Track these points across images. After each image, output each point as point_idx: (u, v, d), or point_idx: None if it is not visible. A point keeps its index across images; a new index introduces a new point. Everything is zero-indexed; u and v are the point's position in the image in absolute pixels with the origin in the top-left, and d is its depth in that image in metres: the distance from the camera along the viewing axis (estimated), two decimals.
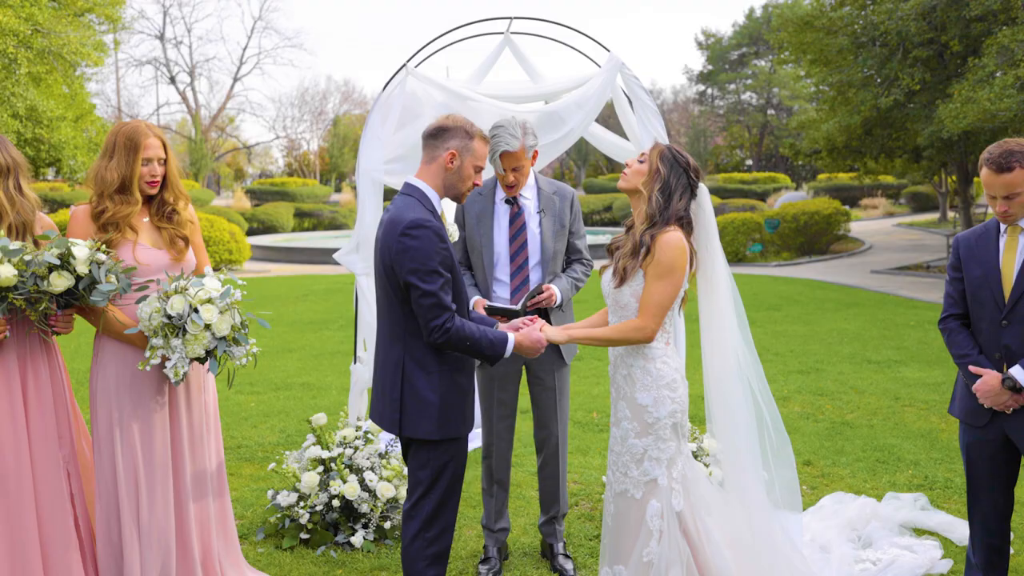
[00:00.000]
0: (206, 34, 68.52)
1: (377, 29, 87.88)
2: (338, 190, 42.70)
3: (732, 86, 46.38)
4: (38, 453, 3.22)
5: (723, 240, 18.69)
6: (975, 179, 19.45)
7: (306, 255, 21.40)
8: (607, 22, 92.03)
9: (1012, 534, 4.06)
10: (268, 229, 27.23)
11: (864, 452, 5.56)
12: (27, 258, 3.01)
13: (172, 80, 46.91)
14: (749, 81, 45.12)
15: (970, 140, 16.01)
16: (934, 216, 27.59)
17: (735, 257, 18.53)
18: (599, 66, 4.53)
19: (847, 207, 24.32)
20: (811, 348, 9.08)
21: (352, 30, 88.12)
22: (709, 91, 47.88)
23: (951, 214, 24.91)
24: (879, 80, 16.40)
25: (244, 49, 57.51)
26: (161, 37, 45.96)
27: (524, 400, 4.55)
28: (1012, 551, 3.94)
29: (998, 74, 13.69)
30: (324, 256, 20.57)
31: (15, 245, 3.03)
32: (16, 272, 2.97)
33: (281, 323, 11.17)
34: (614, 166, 42.29)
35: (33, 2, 16.53)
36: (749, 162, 47.67)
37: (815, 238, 19.24)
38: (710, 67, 46.26)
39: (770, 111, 45.28)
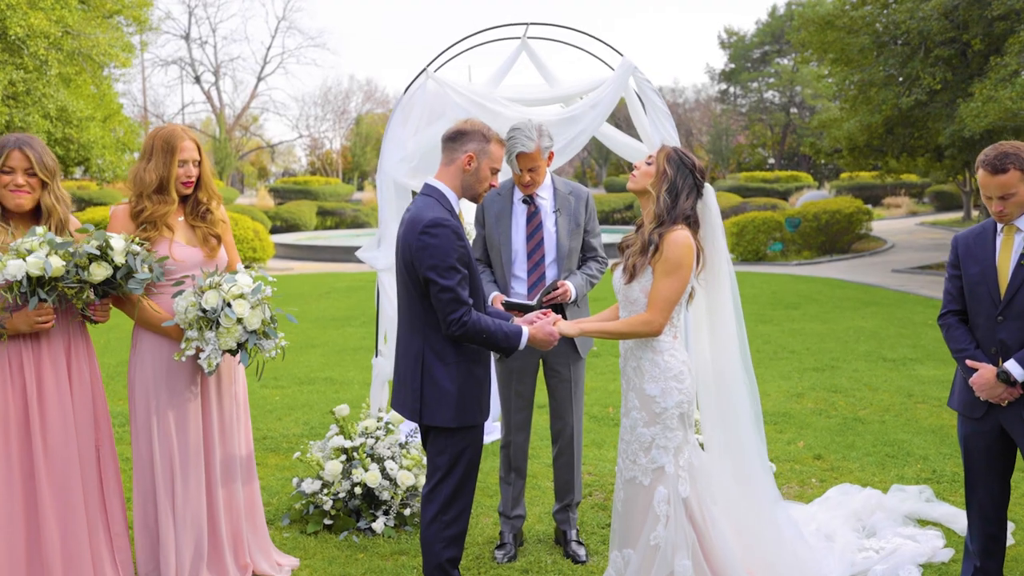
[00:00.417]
0: (230, 34, 69.17)
1: (399, 29, 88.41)
2: (360, 188, 43.09)
3: (754, 84, 46.20)
4: (79, 434, 3.43)
5: (744, 239, 18.75)
6: None
7: (329, 253, 21.66)
8: (630, 21, 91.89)
9: (1013, 525, 4.17)
10: (291, 227, 27.55)
11: (874, 447, 5.66)
12: (71, 250, 3.22)
13: (197, 80, 47.46)
14: (772, 80, 44.93)
15: (992, 139, 15.91)
16: (958, 215, 27.38)
17: (755, 256, 18.54)
18: (613, 69, 4.68)
19: (870, 206, 24.20)
20: (827, 346, 9.16)
21: (375, 30, 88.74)
22: (731, 90, 47.71)
23: (975, 213, 24.75)
24: (901, 79, 16.36)
25: (268, 49, 58.26)
26: (186, 37, 46.53)
27: (541, 395, 4.70)
28: (1013, 541, 4.05)
29: (1022, 73, 13.62)
30: (346, 254, 20.81)
31: (60, 239, 3.24)
32: (64, 263, 3.18)
33: (304, 319, 11.40)
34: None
35: (63, 4, 16.90)
36: (771, 161, 47.47)
37: (836, 237, 19.20)
38: (732, 65, 46.11)
39: (793, 109, 45.06)
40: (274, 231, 25.99)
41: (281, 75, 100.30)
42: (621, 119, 19.22)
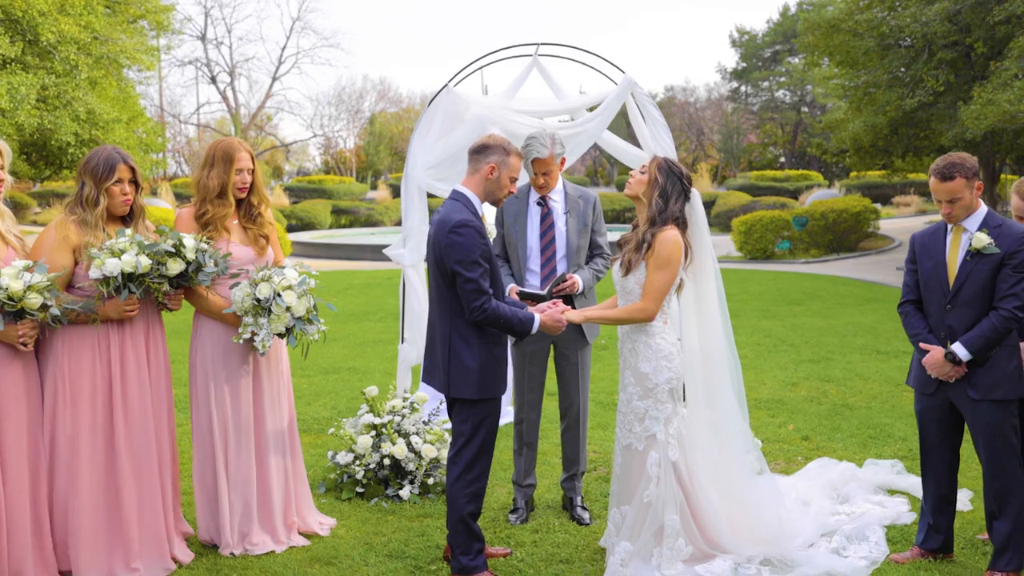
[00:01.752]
0: (246, 34, 70.55)
1: (413, 29, 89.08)
2: (374, 188, 43.59)
3: (765, 83, 46.49)
4: (154, 407, 3.96)
5: (752, 237, 19.04)
6: (1001, 177, 19.67)
7: (344, 251, 22.13)
8: (640, 20, 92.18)
9: (971, 493, 4.66)
10: (306, 226, 28.07)
11: (859, 430, 6.13)
12: (155, 249, 3.74)
13: (213, 80, 48.06)
14: (783, 79, 45.20)
15: (995, 140, 16.25)
16: None
17: (763, 254, 18.90)
18: (616, 83, 5.17)
19: (879, 205, 24.46)
20: (825, 340, 9.60)
21: (388, 30, 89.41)
22: (743, 88, 48.02)
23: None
24: (906, 81, 16.72)
25: (283, 49, 58.77)
26: (202, 38, 47.17)
27: (550, 383, 5.20)
28: (971, 507, 4.53)
29: (1021, 76, 13.95)
30: (362, 252, 21.32)
31: (147, 241, 3.76)
32: (151, 262, 3.70)
33: (325, 314, 11.90)
34: None
35: (91, 10, 17.49)
36: (782, 160, 47.74)
37: (844, 236, 19.51)
38: (744, 64, 46.42)
39: (803, 108, 45.33)
40: (290, 229, 26.50)
41: (296, 75, 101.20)
42: (629, 122, 19.65)
